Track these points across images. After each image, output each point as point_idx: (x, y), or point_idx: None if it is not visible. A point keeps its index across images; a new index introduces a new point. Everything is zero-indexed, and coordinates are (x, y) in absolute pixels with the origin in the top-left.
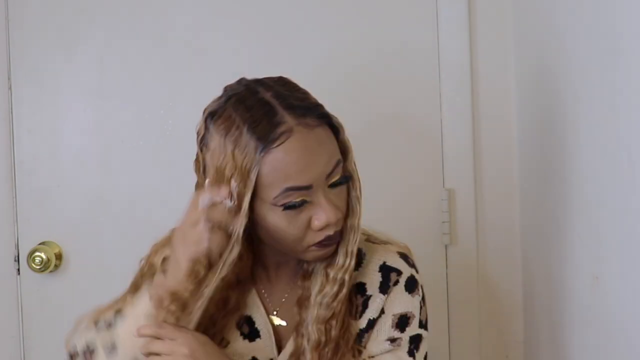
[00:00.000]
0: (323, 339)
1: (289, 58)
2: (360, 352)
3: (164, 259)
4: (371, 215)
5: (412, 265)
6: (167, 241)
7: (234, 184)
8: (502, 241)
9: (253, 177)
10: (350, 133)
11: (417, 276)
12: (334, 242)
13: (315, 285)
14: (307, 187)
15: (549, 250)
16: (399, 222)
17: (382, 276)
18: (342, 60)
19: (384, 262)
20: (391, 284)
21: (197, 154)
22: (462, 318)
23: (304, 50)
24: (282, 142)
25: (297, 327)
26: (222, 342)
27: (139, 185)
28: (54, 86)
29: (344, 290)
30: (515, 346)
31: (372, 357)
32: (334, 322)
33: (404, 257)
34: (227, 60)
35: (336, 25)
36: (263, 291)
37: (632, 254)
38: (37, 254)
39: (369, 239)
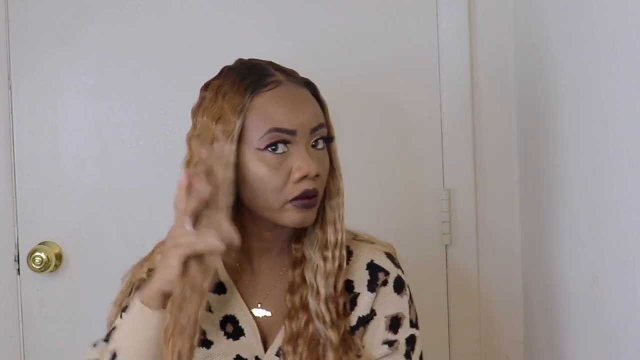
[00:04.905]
0: (334, 316)
1: (288, 58)
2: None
3: (149, 270)
4: (371, 215)
5: (398, 265)
6: (146, 260)
7: (219, 128)
8: (502, 241)
9: (240, 118)
10: (349, 132)
11: (403, 277)
12: (311, 204)
13: (311, 269)
14: (292, 132)
15: (549, 250)
16: (399, 222)
17: (370, 274)
18: (342, 60)
19: (372, 260)
20: (379, 282)
21: (190, 128)
22: (462, 318)
23: (303, 50)
24: (272, 89)
25: (289, 313)
26: (205, 342)
27: (139, 185)
28: (54, 86)
29: (344, 265)
30: (515, 346)
31: None
32: (340, 300)
33: (390, 257)
34: (227, 60)
35: (336, 25)
36: (247, 283)
37: (632, 254)
38: (37, 254)
39: (356, 237)
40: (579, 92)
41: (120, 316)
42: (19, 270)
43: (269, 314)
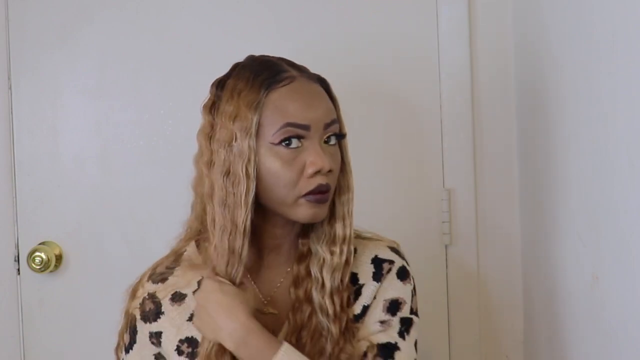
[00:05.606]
0: (338, 309)
1: (288, 58)
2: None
3: (141, 305)
4: (371, 215)
5: (403, 257)
6: (138, 286)
7: (237, 126)
8: (502, 241)
9: (257, 114)
10: (349, 132)
11: (408, 267)
12: (324, 199)
13: (317, 262)
14: (306, 127)
15: (549, 250)
16: (399, 222)
17: (375, 267)
18: (342, 61)
19: (376, 255)
20: (384, 272)
21: (202, 125)
22: (462, 318)
23: (303, 50)
24: (286, 84)
25: (293, 306)
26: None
27: (139, 186)
28: (54, 86)
29: (351, 260)
30: (515, 346)
31: (363, 339)
32: (345, 294)
33: (395, 250)
34: (227, 60)
35: (336, 25)
36: (253, 283)
37: (632, 254)
38: (37, 254)
39: (360, 235)
40: (579, 92)
41: (126, 351)
42: (19, 270)
43: (275, 311)
